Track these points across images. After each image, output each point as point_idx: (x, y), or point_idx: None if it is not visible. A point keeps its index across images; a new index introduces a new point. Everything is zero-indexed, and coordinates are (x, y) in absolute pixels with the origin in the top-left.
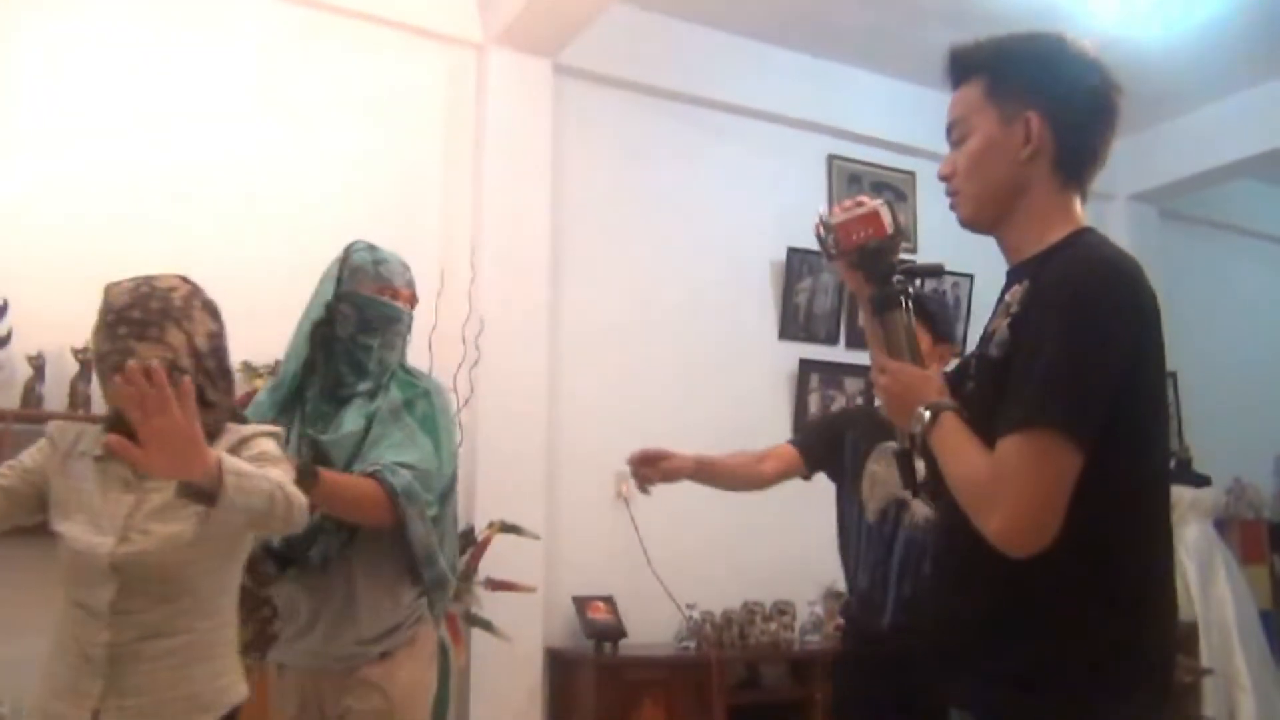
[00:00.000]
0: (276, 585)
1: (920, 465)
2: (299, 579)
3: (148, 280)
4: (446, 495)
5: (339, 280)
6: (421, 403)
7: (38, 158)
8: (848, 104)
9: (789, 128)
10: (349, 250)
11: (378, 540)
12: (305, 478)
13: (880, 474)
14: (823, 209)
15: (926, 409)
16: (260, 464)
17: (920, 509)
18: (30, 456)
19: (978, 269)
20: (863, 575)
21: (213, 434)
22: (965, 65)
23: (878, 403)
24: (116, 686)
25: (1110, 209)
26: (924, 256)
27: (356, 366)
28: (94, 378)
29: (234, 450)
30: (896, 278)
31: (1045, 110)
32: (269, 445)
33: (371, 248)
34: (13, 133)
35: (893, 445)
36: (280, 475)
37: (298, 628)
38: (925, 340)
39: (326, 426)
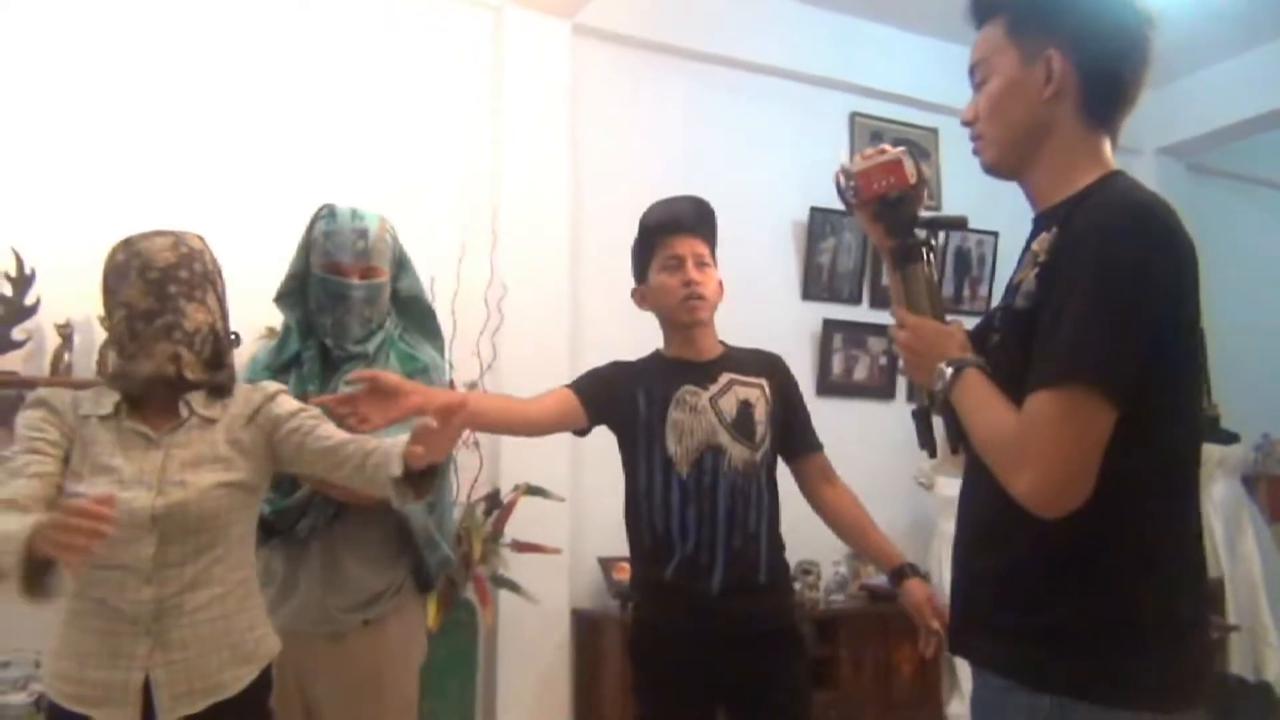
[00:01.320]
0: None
1: (939, 423)
2: (278, 547)
3: (180, 239)
4: (442, 476)
5: (305, 254)
6: (421, 379)
7: (62, 130)
8: (870, 60)
9: (810, 85)
10: (311, 220)
11: (363, 514)
12: None
13: (687, 422)
14: (844, 157)
15: (949, 365)
16: (315, 421)
17: (738, 452)
18: (46, 430)
19: (1003, 226)
20: (682, 537)
21: (226, 391)
22: (987, 4)
23: (900, 365)
24: (163, 643)
25: (1137, 163)
26: (948, 213)
27: (329, 339)
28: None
29: (260, 407)
30: (918, 230)
31: (1068, 48)
32: (295, 401)
33: (330, 215)
34: (37, 106)
35: (690, 388)
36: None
37: (275, 591)
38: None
39: (322, 389)
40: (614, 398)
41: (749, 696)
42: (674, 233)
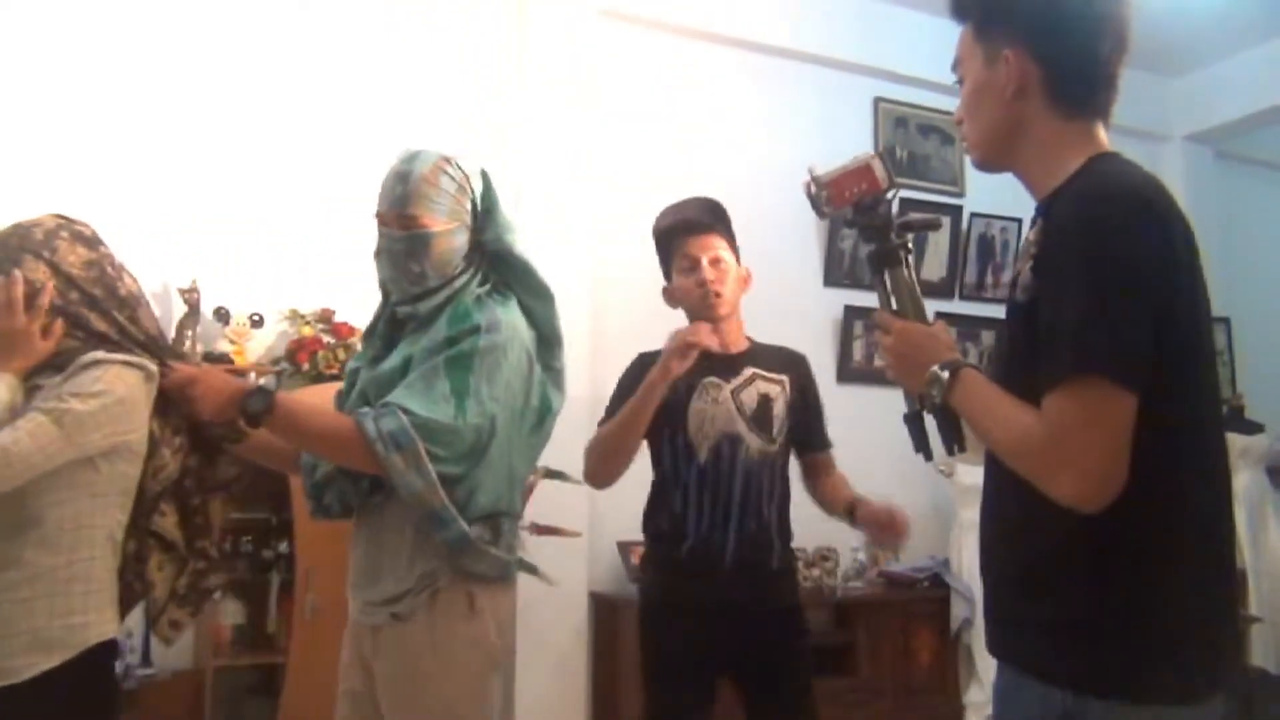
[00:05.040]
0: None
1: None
2: (354, 523)
3: (15, 223)
4: (477, 453)
5: None
6: (466, 340)
7: (96, 106)
8: (895, 45)
9: (835, 70)
10: None
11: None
12: (254, 407)
13: (708, 411)
14: (813, 164)
15: (942, 368)
16: (44, 397)
17: (754, 442)
18: None
19: (1025, 213)
20: (697, 520)
21: (65, 361)
22: (960, 8)
23: (878, 361)
24: None
25: (1164, 150)
26: (972, 201)
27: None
28: None
29: (68, 376)
30: (894, 233)
31: (1025, 44)
32: (83, 378)
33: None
34: (69, 84)
35: (714, 379)
36: (26, 421)
37: (351, 576)
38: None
39: (386, 352)
40: None
41: (756, 668)
42: (685, 234)
